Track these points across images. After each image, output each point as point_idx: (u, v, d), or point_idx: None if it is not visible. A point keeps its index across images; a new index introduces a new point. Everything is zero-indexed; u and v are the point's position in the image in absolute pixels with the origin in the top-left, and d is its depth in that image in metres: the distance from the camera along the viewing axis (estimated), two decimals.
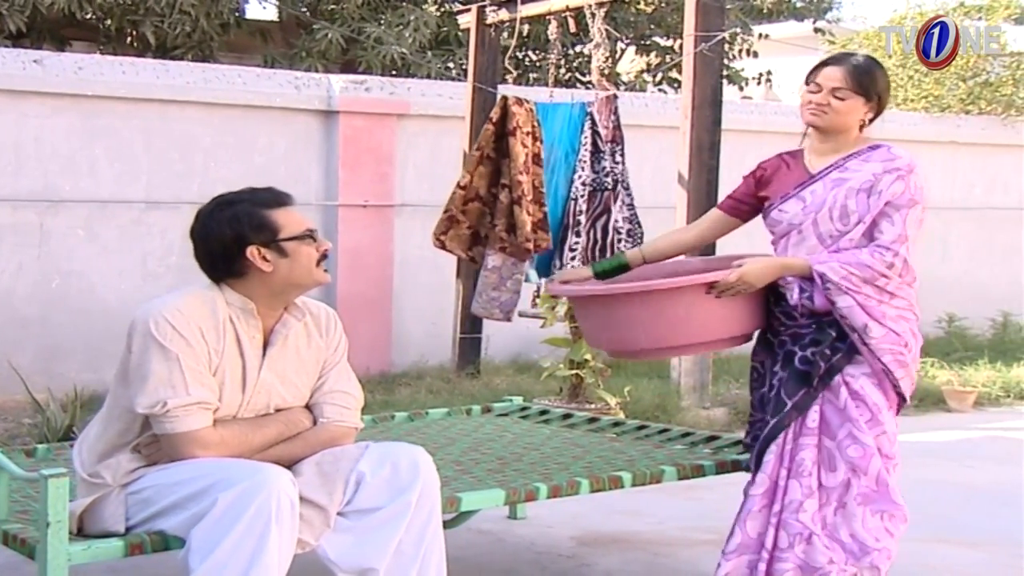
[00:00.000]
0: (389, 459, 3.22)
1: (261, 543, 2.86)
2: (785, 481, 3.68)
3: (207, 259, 3.22)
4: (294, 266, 3.19)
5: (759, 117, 10.30)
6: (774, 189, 3.86)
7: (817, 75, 3.78)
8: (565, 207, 6.71)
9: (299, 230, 3.22)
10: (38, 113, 7.40)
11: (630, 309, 3.75)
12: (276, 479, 2.93)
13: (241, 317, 3.18)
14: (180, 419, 3.04)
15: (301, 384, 3.31)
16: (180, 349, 3.05)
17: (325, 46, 10.60)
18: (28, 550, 3.01)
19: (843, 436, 3.66)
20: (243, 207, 3.19)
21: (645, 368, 8.45)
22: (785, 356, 3.74)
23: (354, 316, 8.49)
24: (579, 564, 4.57)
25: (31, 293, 7.40)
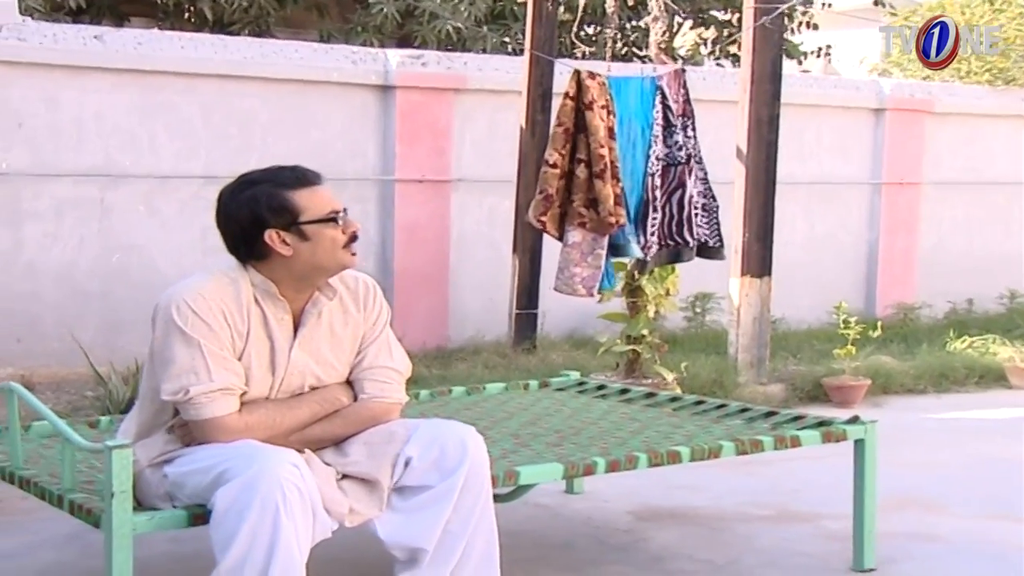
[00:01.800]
0: (437, 442, 3.19)
1: (275, 533, 2.82)
2: None
3: (229, 240, 3.17)
4: (317, 250, 3.11)
5: (818, 91, 10.19)
6: None
7: None
8: (644, 183, 6.68)
9: (323, 212, 3.12)
10: (98, 89, 7.46)
11: None
12: (276, 467, 2.86)
13: (266, 298, 3.14)
14: (204, 406, 3.02)
15: (338, 362, 3.26)
16: (202, 335, 3.02)
17: (381, 20, 10.60)
18: (94, 519, 3.05)
19: None
20: (263, 188, 3.12)
21: (702, 344, 8.42)
22: None
23: (411, 291, 8.52)
24: (636, 539, 4.56)
25: (92, 268, 7.48)
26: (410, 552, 3.16)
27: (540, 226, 6.62)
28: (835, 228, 10.51)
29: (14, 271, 7.25)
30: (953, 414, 7.37)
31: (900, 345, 8.93)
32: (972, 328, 9.58)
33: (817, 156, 10.28)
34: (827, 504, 4.93)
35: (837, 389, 7.46)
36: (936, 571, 4.22)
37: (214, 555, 2.90)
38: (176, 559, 4.14)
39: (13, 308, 7.24)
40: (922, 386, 8.04)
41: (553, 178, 6.52)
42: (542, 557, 4.29)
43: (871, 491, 4.15)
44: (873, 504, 4.16)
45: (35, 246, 7.30)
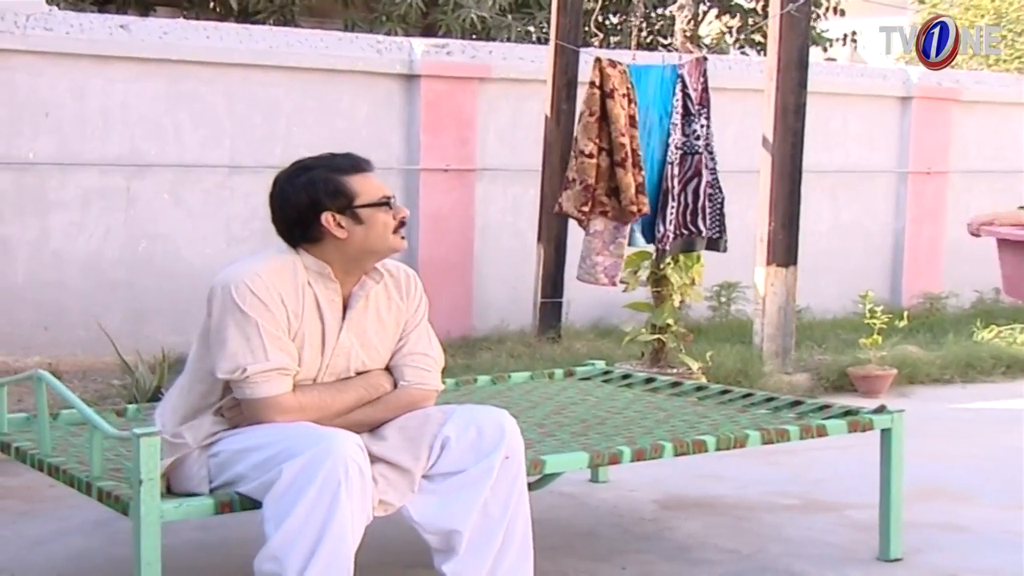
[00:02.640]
0: (474, 423, 3.23)
1: (332, 511, 2.87)
2: None
3: (283, 224, 3.23)
4: (370, 233, 3.18)
5: (845, 79, 10.15)
6: None
7: None
8: (662, 171, 6.67)
9: (376, 197, 3.21)
10: (124, 78, 7.49)
11: None
12: (342, 446, 2.93)
13: (319, 281, 3.19)
14: (259, 385, 3.07)
15: (381, 346, 3.31)
16: (260, 314, 3.07)
17: (405, 10, 10.61)
18: (122, 507, 3.07)
19: None
20: (319, 172, 3.19)
21: (727, 333, 8.40)
22: None
23: (435, 280, 8.52)
24: (661, 528, 4.56)
25: (118, 256, 7.51)
26: (445, 536, 3.16)
27: (582, 217, 6.57)
28: (861, 217, 10.46)
29: (41, 260, 7.29)
30: (980, 404, 7.34)
31: (926, 335, 8.89)
32: (999, 318, 9.53)
33: (843, 145, 10.24)
34: (853, 494, 4.91)
35: (863, 379, 7.43)
36: (963, 561, 4.20)
37: (264, 531, 2.92)
38: (203, 547, 4.16)
39: (40, 297, 7.28)
40: (948, 376, 8.01)
41: (591, 168, 6.50)
42: (567, 545, 4.30)
43: (897, 481, 4.14)
44: (899, 494, 4.15)
45: (61, 235, 7.33)
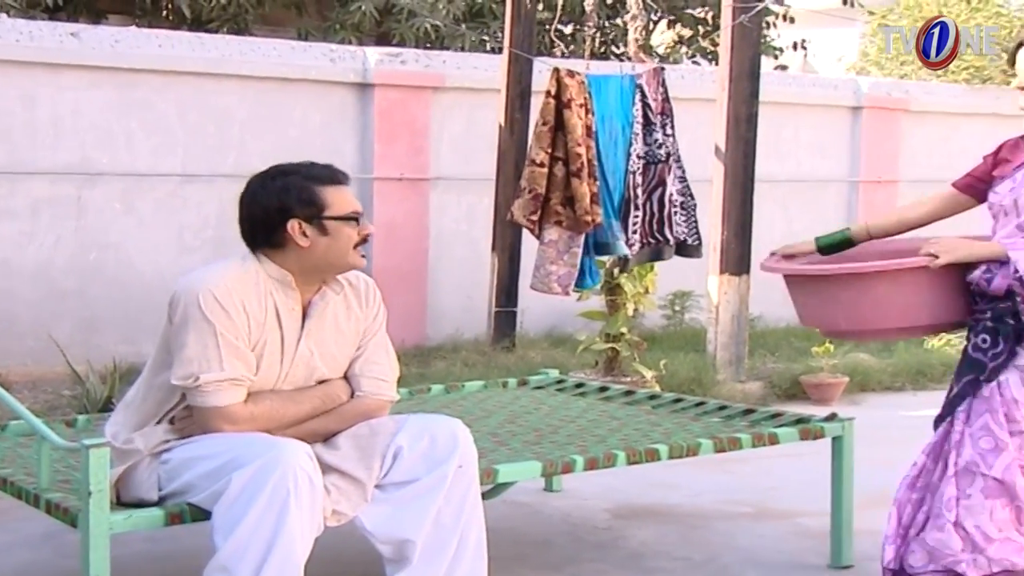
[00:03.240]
0: (427, 432, 3.23)
1: (281, 521, 2.86)
2: (932, 464, 3.63)
3: (248, 224, 3.21)
4: (332, 246, 3.17)
5: (796, 89, 10.22)
6: (1006, 170, 3.68)
7: (1015, 59, 3.64)
8: (625, 181, 6.69)
9: (346, 211, 3.19)
10: (75, 86, 7.43)
11: (832, 291, 3.71)
12: (292, 456, 2.91)
13: (279, 288, 3.18)
14: (211, 394, 3.05)
15: (340, 356, 3.31)
16: (221, 322, 3.06)
17: (359, 18, 10.58)
18: (70, 519, 3.04)
19: (979, 426, 3.55)
20: (295, 179, 3.18)
21: (681, 342, 8.43)
22: (966, 340, 3.65)
23: (390, 289, 8.44)
24: (615, 536, 4.57)
25: (69, 266, 7.44)
26: (398, 546, 3.16)
27: (530, 226, 6.59)
28: (813, 225, 10.46)
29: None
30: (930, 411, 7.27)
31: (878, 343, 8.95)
32: None
33: (795, 154, 10.31)
34: (805, 501, 4.94)
35: (815, 387, 7.48)
36: None
37: (213, 541, 2.90)
38: (153, 558, 4.13)
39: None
40: (900, 383, 8.08)
41: (541, 177, 6.52)
42: (520, 555, 4.30)
43: (848, 488, 4.17)
44: (851, 501, 4.18)
45: (11, 244, 7.25)
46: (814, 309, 3.81)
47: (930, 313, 3.68)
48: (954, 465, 3.57)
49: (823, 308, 3.78)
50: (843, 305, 3.69)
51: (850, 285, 3.68)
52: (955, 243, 3.58)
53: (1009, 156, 3.72)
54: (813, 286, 3.79)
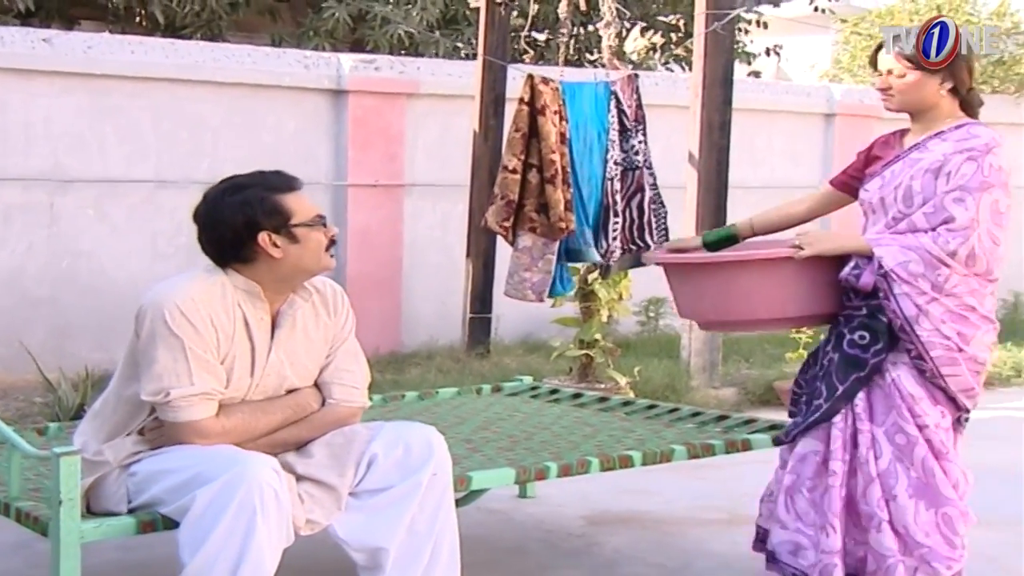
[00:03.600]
0: (402, 440, 3.23)
1: (248, 537, 2.84)
2: (849, 467, 3.63)
3: (215, 244, 3.18)
4: (304, 252, 3.17)
5: (770, 96, 10.27)
6: (876, 167, 3.75)
7: (876, 61, 3.73)
8: (603, 188, 6.70)
9: (310, 216, 3.19)
10: (47, 93, 7.39)
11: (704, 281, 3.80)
12: (257, 471, 2.89)
13: (248, 300, 3.16)
14: (183, 409, 3.03)
15: (311, 364, 3.29)
16: (189, 337, 3.03)
17: (333, 25, 10.57)
18: (41, 528, 3.02)
19: (890, 423, 3.60)
20: (255, 191, 3.15)
21: (655, 348, 8.45)
22: (837, 337, 3.69)
23: (364, 296, 8.49)
24: (589, 543, 4.57)
25: (41, 273, 7.40)
26: (371, 553, 3.15)
27: (503, 232, 6.60)
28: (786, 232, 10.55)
29: None
30: None
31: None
32: None
33: (769, 161, 10.35)
34: None
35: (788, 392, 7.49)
36: None
37: (179, 558, 2.88)
38: (125, 567, 4.11)
39: None
40: None
41: (514, 184, 6.51)
42: (495, 562, 4.29)
43: None
44: None
45: None
46: (687, 300, 3.92)
47: (797, 306, 3.75)
48: (875, 466, 3.60)
49: (694, 299, 3.88)
50: (711, 296, 3.78)
51: (717, 275, 3.77)
52: (821, 236, 3.68)
53: (880, 153, 3.82)
54: (686, 277, 3.90)
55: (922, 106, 3.68)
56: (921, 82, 3.64)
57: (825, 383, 3.67)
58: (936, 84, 3.64)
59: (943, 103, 3.67)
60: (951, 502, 3.60)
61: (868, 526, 3.60)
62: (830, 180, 4.01)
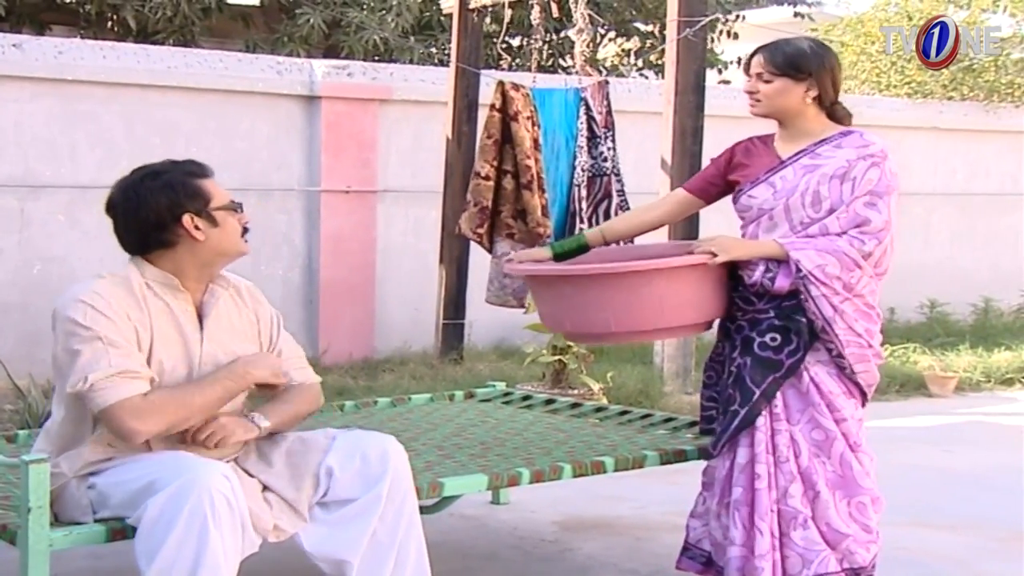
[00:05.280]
0: (358, 451, 3.22)
1: (202, 544, 2.81)
2: (773, 468, 3.66)
3: (138, 230, 3.17)
4: (222, 236, 3.19)
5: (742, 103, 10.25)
6: (746, 173, 3.80)
7: (748, 65, 3.78)
8: (570, 194, 6.71)
9: (227, 200, 3.22)
10: (17, 98, 7.35)
11: (606, 291, 3.65)
12: (207, 478, 2.86)
13: (167, 292, 3.16)
14: (106, 391, 2.97)
15: (241, 351, 3.27)
16: (100, 326, 3.02)
17: (307, 31, 10.57)
18: (9, 536, 3.00)
19: (805, 421, 3.66)
20: (175, 175, 3.18)
21: (628, 354, 8.46)
22: (743, 342, 3.70)
23: (337, 302, 8.48)
24: (562, 549, 4.57)
25: (11, 279, 7.36)
26: (337, 565, 3.16)
27: (477, 239, 6.60)
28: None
29: None
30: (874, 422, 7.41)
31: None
32: (893, 337, 9.71)
33: None
34: None
35: None
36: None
37: (138, 567, 2.87)
38: (94, 574, 4.09)
39: None
40: None
41: (487, 190, 6.53)
42: (467, 568, 4.29)
43: None
44: None
45: None
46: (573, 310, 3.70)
47: (697, 311, 3.74)
48: (796, 464, 3.65)
49: (588, 310, 3.67)
50: (614, 306, 3.63)
51: (622, 284, 3.63)
52: (733, 242, 3.68)
53: (745, 160, 3.84)
54: (569, 288, 3.71)
55: (787, 113, 3.74)
56: (786, 88, 3.69)
57: (738, 389, 3.69)
58: (801, 92, 3.70)
59: (808, 111, 3.73)
60: (865, 491, 3.68)
61: (792, 526, 3.64)
62: (686, 186, 4.00)
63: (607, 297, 3.64)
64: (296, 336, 3.63)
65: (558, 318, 3.85)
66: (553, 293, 3.82)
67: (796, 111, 3.72)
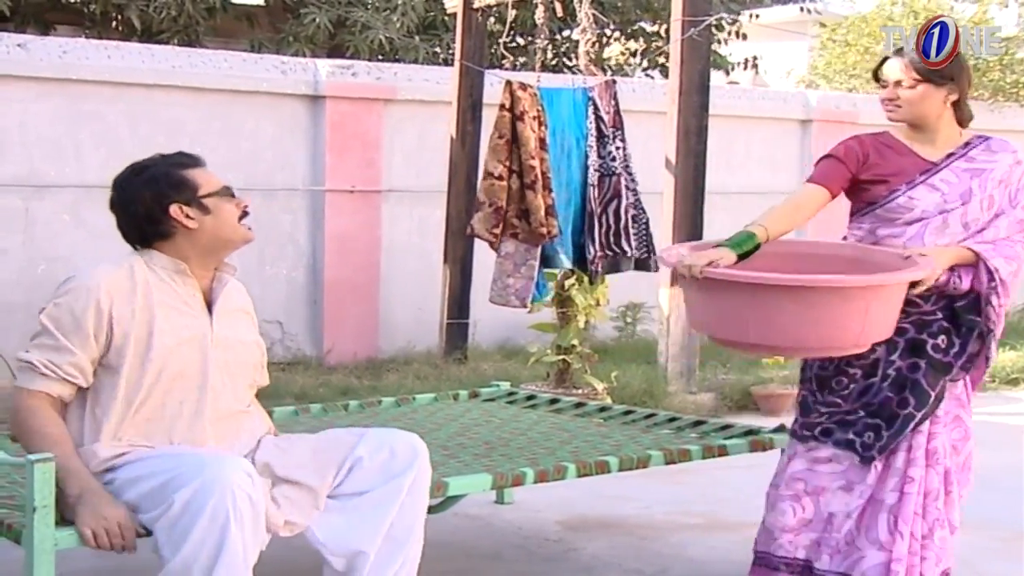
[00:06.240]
0: (387, 444, 3.24)
1: (223, 541, 2.83)
2: (924, 471, 3.66)
3: (132, 225, 3.23)
4: (218, 222, 3.21)
5: (747, 102, 10.30)
6: (880, 173, 3.75)
7: (881, 72, 3.77)
8: (584, 193, 6.71)
9: (217, 187, 3.24)
10: (22, 98, 7.36)
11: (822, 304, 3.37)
12: (229, 476, 2.87)
13: (176, 278, 3.19)
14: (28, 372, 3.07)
15: (249, 339, 3.34)
16: (66, 324, 3.07)
17: (312, 31, 10.57)
18: (15, 535, 3.00)
19: (950, 421, 3.72)
20: (159, 168, 3.23)
21: (633, 354, 8.46)
22: (910, 345, 3.67)
23: (341, 302, 8.48)
24: (566, 548, 4.57)
25: (16, 279, 7.37)
26: (350, 557, 3.15)
27: (492, 239, 6.58)
28: None
29: None
30: None
31: None
32: None
33: (746, 166, 10.38)
34: (755, 513, 4.93)
35: (765, 398, 7.53)
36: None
37: (161, 555, 2.88)
38: (100, 573, 4.09)
39: None
40: None
41: (501, 190, 6.52)
42: (471, 568, 4.29)
43: None
44: None
45: None
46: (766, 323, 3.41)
47: (888, 328, 3.54)
48: (943, 465, 3.70)
49: (786, 322, 3.38)
50: (823, 320, 3.37)
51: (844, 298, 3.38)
52: (936, 253, 3.62)
53: (879, 160, 3.78)
54: (783, 299, 3.39)
55: (928, 118, 3.72)
56: (928, 94, 3.68)
57: (911, 392, 3.64)
58: (943, 96, 3.69)
59: (946, 115, 3.73)
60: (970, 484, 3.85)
61: (935, 527, 3.68)
62: (824, 184, 3.81)
63: (819, 311, 3.39)
64: (300, 336, 3.64)
65: (741, 327, 3.49)
66: (748, 301, 3.44)
67: (936, 115, 3.71)
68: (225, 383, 3.22)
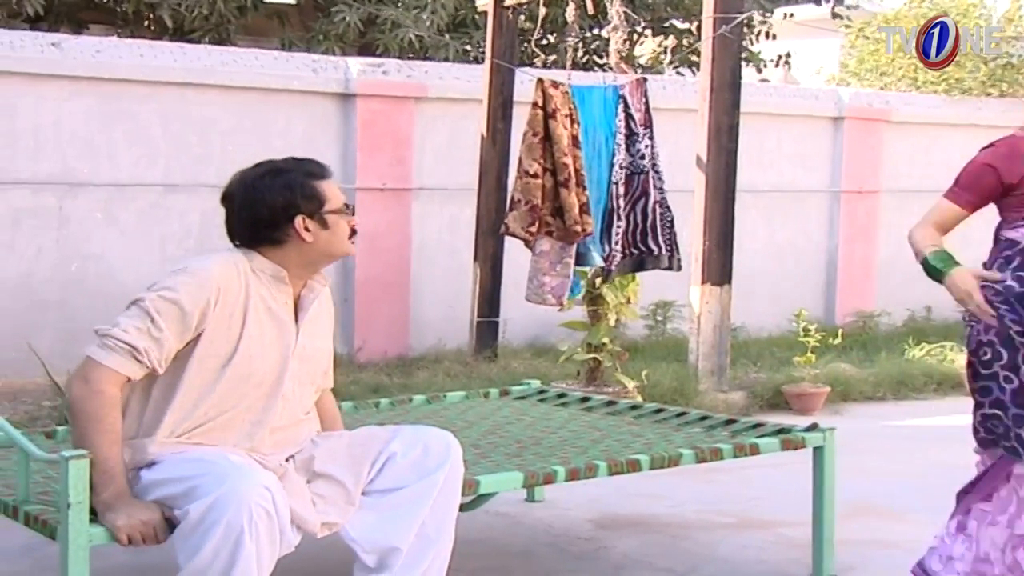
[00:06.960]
0: (421, 440, 3.26)
1: (235, 555, 2.83)
2: None
3: (248, 223, 3.18)
4: (332, 238, 3.21)
5: (778, 100, 10.26)
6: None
7: None
8: (608, 191, 6.70)
9: (340, 203, 3.25)
10: (56, 97, 7.41)
11: None
12: (248, 491, 2.86)
13: (272, 284, 3.18)
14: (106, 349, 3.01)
15: (326, 349, 3.36)
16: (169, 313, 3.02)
17: (343, 29, 10.59)
18: (49, 531, 3.02)
19: None
20: (296, 176, 3.20)
21: (663, 352, 8.44)
22: None
23: (372, 300, 8.50)
24: (597, 547, 4.57)
25: (50, 276, 7.42)
26: (382, 554, 3.15)
27: (529, 237, 6.58)
28: (795, 236, 10.57)
29: None
30: (912, 421, 7.42)
31: (859, 353, 8.98)
32: (930, 335, 9.66)
33: (777, 164, 10.34)
34: (787, 511, 4.95)
35: (797, 396, 7.50)
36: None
37: (177, 562, 2.89)
38: (134, 570, 4.11)
39: None
40: (881, 393, 8.10)
41: (536, 188, 6.52)
42: (503, 566, 4.29)
43: (830, 498, 4.18)
44: (832, 511, 4.19)
45: None
46: None
47: None
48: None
49: None
50: None
51: None
52: None
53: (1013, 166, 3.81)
54: None
55: None
56: None
57: None
58: None
59: None
60: None
61: None
62: (963, 205, 3.99)
63: None
64: None
65: None
66: None
67: None
68: (295, 392, 3.23)
